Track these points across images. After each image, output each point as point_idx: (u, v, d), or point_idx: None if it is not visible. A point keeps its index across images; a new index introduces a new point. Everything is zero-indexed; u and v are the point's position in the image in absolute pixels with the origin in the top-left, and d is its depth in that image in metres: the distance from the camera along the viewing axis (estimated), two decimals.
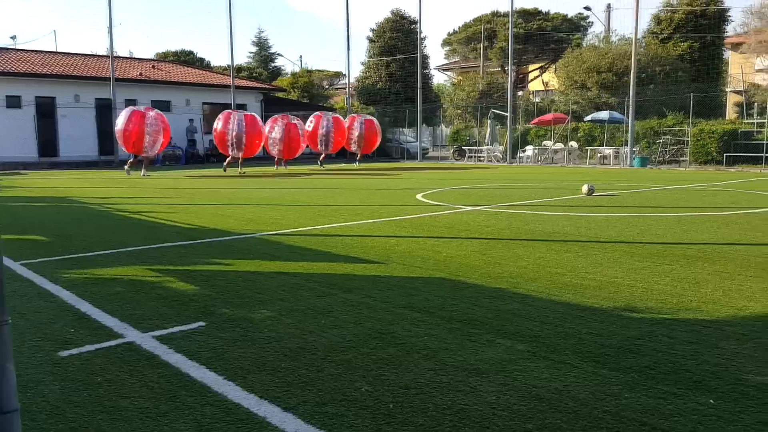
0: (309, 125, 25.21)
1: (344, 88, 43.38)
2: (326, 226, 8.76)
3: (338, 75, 57.39)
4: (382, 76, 40.27)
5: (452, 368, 3.34)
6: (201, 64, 49.04)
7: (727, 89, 33.51)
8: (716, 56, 33.22)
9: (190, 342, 3.81)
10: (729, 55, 34.89)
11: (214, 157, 31.58)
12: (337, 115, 26.96)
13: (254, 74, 47.54)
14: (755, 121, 25.01)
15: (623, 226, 8.30)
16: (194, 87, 33.15)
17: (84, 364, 3.47)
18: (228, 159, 22.83)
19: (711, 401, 2.90)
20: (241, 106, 32.72)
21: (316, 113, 26.43)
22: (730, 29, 33.36)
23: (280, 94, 40.49)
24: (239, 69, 42.47)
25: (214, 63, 52.08)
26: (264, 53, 53.47)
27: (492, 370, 3.31)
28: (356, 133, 26.36)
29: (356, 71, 42.37)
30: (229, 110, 23.40)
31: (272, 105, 37.48)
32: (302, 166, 26.85)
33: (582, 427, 2.68)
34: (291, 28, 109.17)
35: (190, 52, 51.59)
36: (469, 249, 6.79)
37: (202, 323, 4.18)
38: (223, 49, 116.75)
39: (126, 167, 21.80)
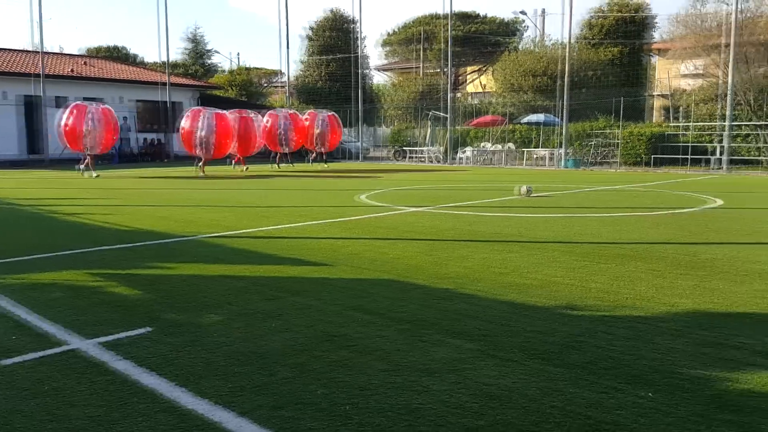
0: (265, 123, 23.91)
1: (282, 87, 43.02)
2: (269, 227, 8.71)
3: (276, 73, 56.79)
4: (321, 75, 40.12)
5: (405, 369, 3.41)
6: (134, 60, 47.63)
7: (653, 93, 35.00)
8: (642, 62, 34.68)
9: (137, 348, 3.74)
10: (656, 60, 36.44)
11: (148, 156, 30.82)
12: (295, 112, 25.59)
13: (188, 71, 46.51)
14: (680, 124, 26.20)
15: (560, 227, 8.59)
16: (127, 84, 32.20)
17: (29, 373, 3.37)
18: (200, 162, 21.19)
19: (649, 394, 3.07)
20: (177, 104, 32.00)
21: (271, 111, 25.14)
22: (656, 35, 34.91)
23: (217, 92, 39.80)
24: (173, 65, 41.50)
25: (147, 59, 50.67)
26: (198, 49, 52.38)
27: (443, 369, 3.40)
28: (317, 131, 24.91)
29: (294, 70, 41.94)
30: (198, 107, 21.69)
31: (209, 103, 36.73)
32: (261, 165, 26.24)
33: (531, 422, 2.79)
34: (226, 25, 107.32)
35: (122, 48, 50.05)
36: (414, 250, 6.90)
37: (148, 329, 4.11)
38: (156, 44, 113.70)
39: (80, 167, 20.28)
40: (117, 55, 46.88)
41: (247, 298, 4.86)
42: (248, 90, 45.24)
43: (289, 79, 36.52)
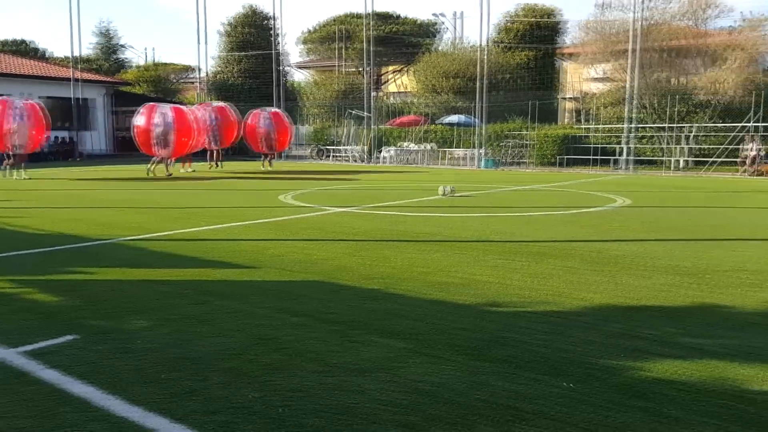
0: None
1: (195, 83, 42.02)
2: (191, 230, 8.57)
3: (189, 69, 55.47)
4: (236, 71, 39.44)
5: (337, 369, 3.50)
6: (37, 54, 45.19)
7: (562, 96, 36.52)
8: (552, 65, 36.16)
9: (62, 356, 3.66)
10: (564, 64, 38.01)
11: (58, 155, 29.39)
12: (224, 105, 23.08)
13: (97, 66, 44.64)
14: (586, 126, 27.49)
15: (480, 226, 8.91)
16: (31, 79, 30.52)
17: None
18: (156, 160, 19.56)
19: (567, 384, 3.30)
20: (86, 100, 30.69)
21: (197, 104, 23.12)
22: (565, 41, 36.44)
23: (127, 88, 38.42)
24: (82, 61, 39.72)
25: (55, 54, 48.24)
26: (108, 44, 50.37)
27: (375, 368, 3.51)
28: (262, 130, 23.11)
29: (209, 66, 40.99)
30: (152, 103, 20.05)
31: (119, 99, 35.46)
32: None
33: (460, 415, 2.95)
34: (137, 19, 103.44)
35: (23, 42, 47.36)
36: (340, 251, 6.99)
37: (72, 336, 4.02)
38: (62, 38, 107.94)
39: (4, 167, 18.52)
40: (21, 49, 44.33)
41: (173, 303, 4.81)
42: (159, 86, 43.94)
43: (200, 74, 35.65)
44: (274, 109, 24.43)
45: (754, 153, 20.91)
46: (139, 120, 19.45)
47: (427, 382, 3.32)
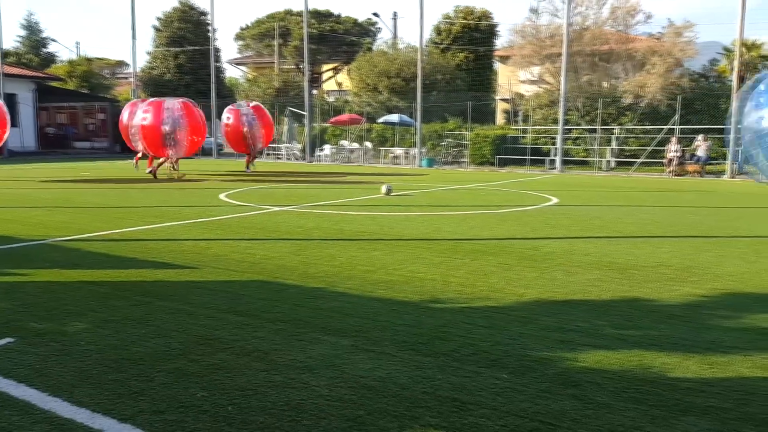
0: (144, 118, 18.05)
1: (128, 78, 40.88)
2: (127, 229, 8.40)
3: (121, 64, 54.09)
4: (170, 67, 38.60)
5: (284, 367, 3.56)
6: None
7: (496, 97, 37.36)
8: (488, 67, 36.96)
9: (1, 360, 3.58)
10: (498, 66, 38.85)
11: None
12: (188, 101, 18.96)
13: (23, 60, 42.83)
14: (520, 127, 28.25)
15: (420, 225, 9.09)
16: None
17: None
18: (162, 160, 18.07)
19: (505, 376, 3.47)
20: (12, 96, 29.37)
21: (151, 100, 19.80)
22: (499, 43, 37.31)
23: (56, 84, 37.01)
24: (5, 54, 37.96)
25: None
26: (34, 38, 48.38)
27: (321, 365, 3.59)
28: (245, 128, 21.49)
29: (142, 61, 40.06)
30: (158, 98, 18.37)
31: (48, 95, 34.20)
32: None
33: (405, 407, 3.07)
34: (66, 12, 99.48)
35: None
36: (282, 250, 7.01)
37: (9, 339, 3.93)
38: None
39: None
40: None
41: (112, 305, 4.75)
42: (90, 82, 42.53)
43: (135, 69, 34.69)
44: (254, 103, 22.92)
45: (674, 154, 21.96)
46: (144, 117, 17.68)
47: (373, 377, 3.43)
